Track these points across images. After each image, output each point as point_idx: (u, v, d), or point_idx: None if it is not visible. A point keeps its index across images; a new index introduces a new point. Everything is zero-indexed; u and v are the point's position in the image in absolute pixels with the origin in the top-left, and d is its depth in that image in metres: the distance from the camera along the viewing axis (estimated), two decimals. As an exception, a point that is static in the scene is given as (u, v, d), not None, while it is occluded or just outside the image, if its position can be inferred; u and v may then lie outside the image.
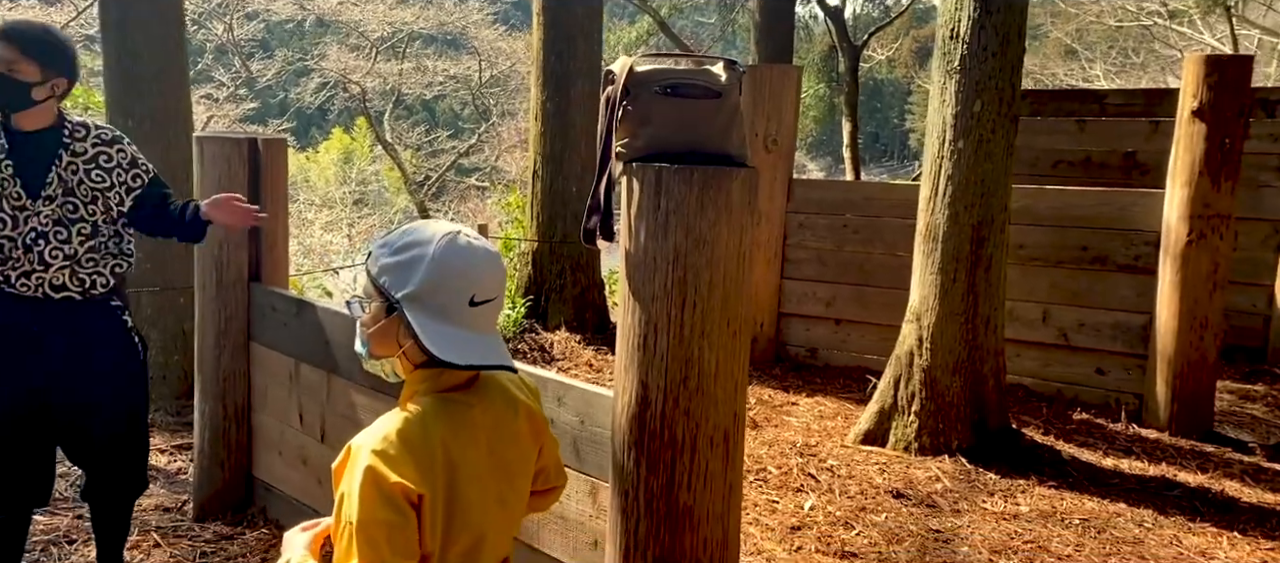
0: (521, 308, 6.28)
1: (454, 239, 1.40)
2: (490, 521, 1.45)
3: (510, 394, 1.53)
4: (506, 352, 1.43)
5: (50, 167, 2.62)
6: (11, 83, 2.54)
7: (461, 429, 1.40)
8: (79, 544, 3.23)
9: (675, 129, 1.92)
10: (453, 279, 1.38)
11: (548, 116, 6.24)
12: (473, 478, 1.40)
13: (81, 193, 2.65)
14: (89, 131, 2.70)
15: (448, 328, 1.36)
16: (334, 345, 3.07)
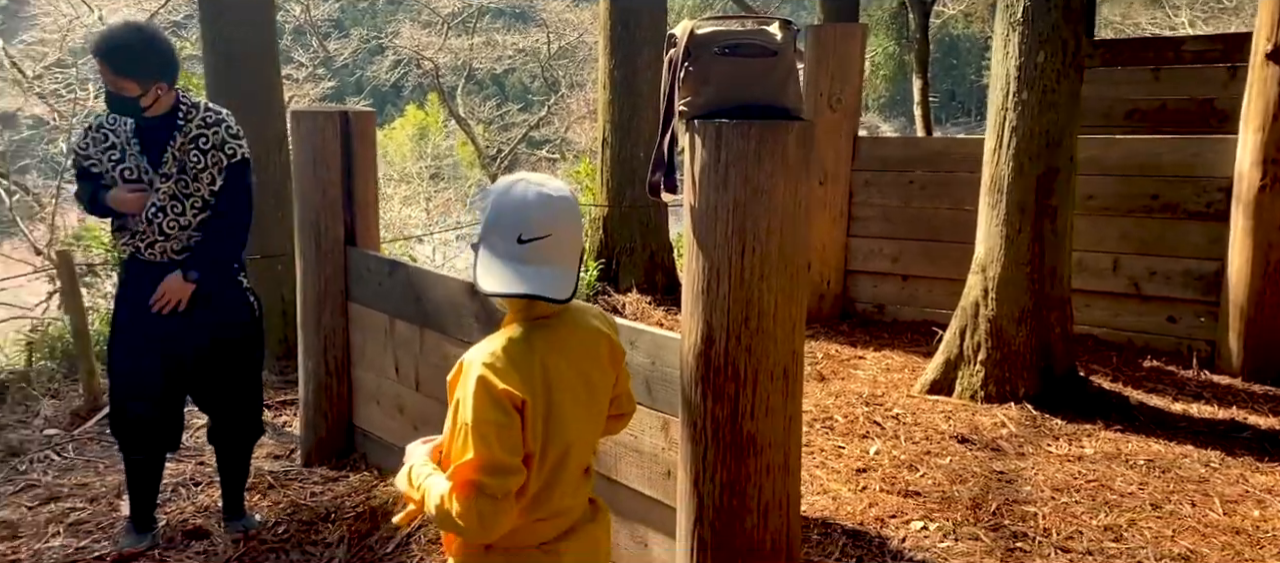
0: (594, 271, 6.50)
1: (510, 187, 1.59)
2: (579, 429, 1.65)
3: (593, 324, 1.72)
4: (560, 283, 1.56)
5: (166, 147, 2.91)
6: (120, 99, 2.83)
7: (554, 349, 1.61)
8: (204, 486, 3.58)
9: (734, 87, 2.07)
10: (503, 221, 1.56)
11: (615, 85, 6.41)
12: (565, 390, 1.60)
13: (190, 171, 2.93)
14: (197, 112, 2.96)
15: (499, 264, 1.55)
16: (425, 302, 3.32)
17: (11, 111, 13.46)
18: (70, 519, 3.31)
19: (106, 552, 3.06)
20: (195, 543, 3.14)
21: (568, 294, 1.57)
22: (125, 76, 2.79)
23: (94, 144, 2.94)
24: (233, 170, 2.98)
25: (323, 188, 3.58)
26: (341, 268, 3.68)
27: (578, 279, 1.63)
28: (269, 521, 3.27)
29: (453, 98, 20.51)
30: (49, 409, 4.47)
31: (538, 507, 1.64)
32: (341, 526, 3.20)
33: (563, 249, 1.58)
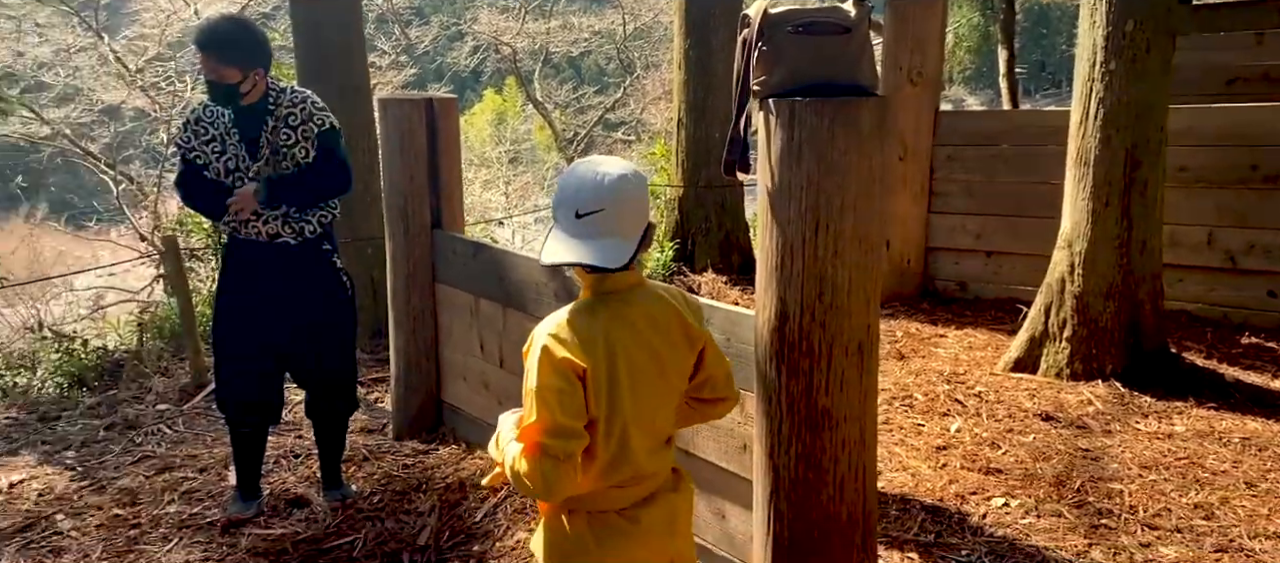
0: (669, 252, 6.55)
1: (573, 169, 1.70)
2: (647, 400, 1.72)
3: (666, 302, 1.77)
4: (613, 254, 1.65)
5: (261, 133, 3.06)
6: (221, 87, 2.98)
7: (620, 321, 1.70)
8: (304, 458, 3.77)
9: (808, 64, 2.09)
10: (565, 199, 1.67)
11: (690, 65, 6.43)
12: (628, 361, 1.69)
13: (281, 152, 3.07)
14: (284, 95, 3.10)
15: (561, 238, 1.66)
16: (507, 282, 3.43)
17: (115, 104, 14.15)
18: (183, 487, 3.54)
19: (217, 518, 3.27)
20: (297, 511, 3.32)
21: (620, 264, 1.65)
22: (228, 65, 2.94)
23: (195, 135, 3.10)
24: (323, 138, 3.09)
25: (409, 173, 3.72)
26: (428, 250, 3.82)
27: (635, 251, 1.69)
28: (364, 491, 3.44)
29: (530, 82, 20.77)
30: (160, 386, 4.76)
31: (612, 473, 1.72)
32: (432, 496, 3.35)
33: (616, 222, 1.66)
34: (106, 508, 3.39)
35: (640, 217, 1.72)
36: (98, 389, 4.93)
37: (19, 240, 15.08)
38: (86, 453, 4.00)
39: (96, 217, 15.47)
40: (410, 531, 3.16)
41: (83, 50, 14.22)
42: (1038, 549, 2.79)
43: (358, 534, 3.13)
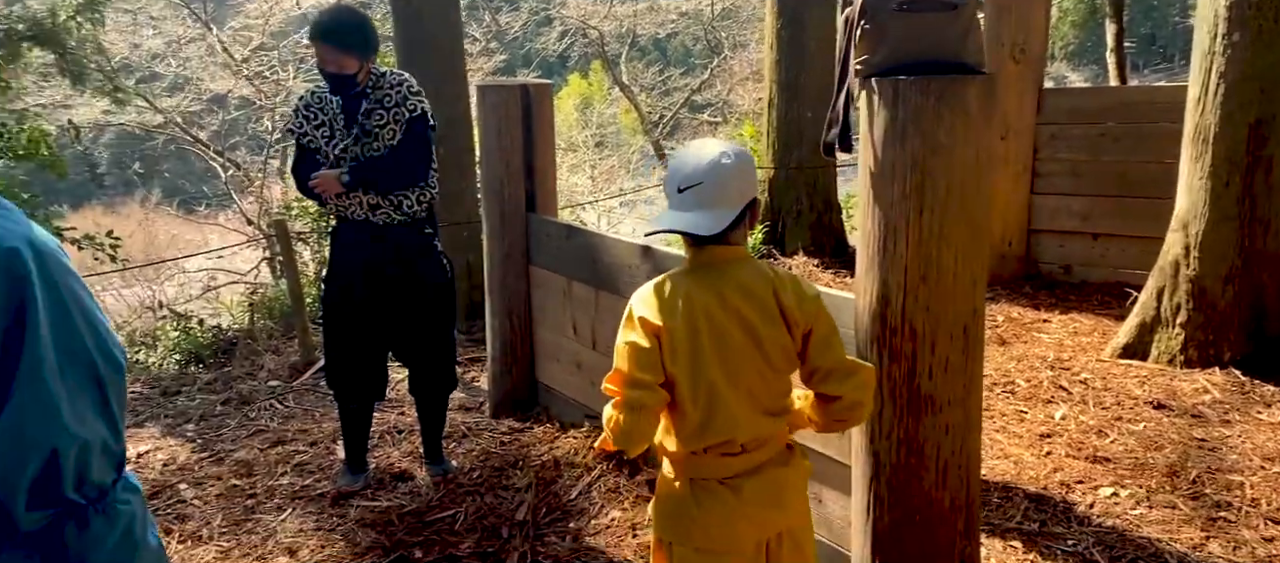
0: (759, 234, 6.51)
1: (682, 149, 1.85)
2: (735, 367, 1.77)
3: (764, 278, 1.79)
4: (704, 222, 1.74)
5: (357, 115, 3.15)
6: (339, 77, 3.07)
7: (706, 289, 1.77)
8: (406, 434, 3.90)
9: (912, 42, 2.05)
10: (669, 175, 1.80)
11: (782, 44, 6.35)
12: (713, 327, 1.76)
13: (371, 130, 3.14)
14: (384, 78, 3.18)
15: (666, 211, 1.79)
16: (600, 265, 3.47)
17: (222, 93, 14.78)
18: (294, 460, 3.71)
19: (327, 489, 3.41)
20: (401, 485, 3.44)
21: (711, 232, 1.74)
22: (348, 53, 3.03)
23: (306, 120, 3.20)
24: (411, 123, 3.15)
25: (505, 158, 3.78)
26: (523, 233, 3.89)
27: (732, 224, 1.77)
28: (464, 466, 3.54)
29: (616, 65, 20.83)
30: (271, 363, 4.99)
31: (706, 435, 1.78)
32: (529, 473, 3.42)
33: (713, 195, 1.74)
34: (225, 478, 3.58)
35: (738, 192, 1.77)
36: (213, 366, 5.19)
37: (136, 224, 15.94)
38: (205, 426, 4.22)
39: (206, 201, 16.23)
40: (508, 506, 3.24)
41: (192, 41, 14.89)
42: (1150, 541, 2.69)
43: (459, 508, 3.23)
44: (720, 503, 1.80)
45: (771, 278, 1.80)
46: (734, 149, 1.80)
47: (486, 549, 3.00)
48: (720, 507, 1.80)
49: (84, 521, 1.04)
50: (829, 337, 1.82)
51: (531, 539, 3.04)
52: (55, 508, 1.02)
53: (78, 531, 1.04)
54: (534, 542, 3.03)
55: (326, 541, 3.08)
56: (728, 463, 1.80)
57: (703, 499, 1.80)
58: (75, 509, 1.03)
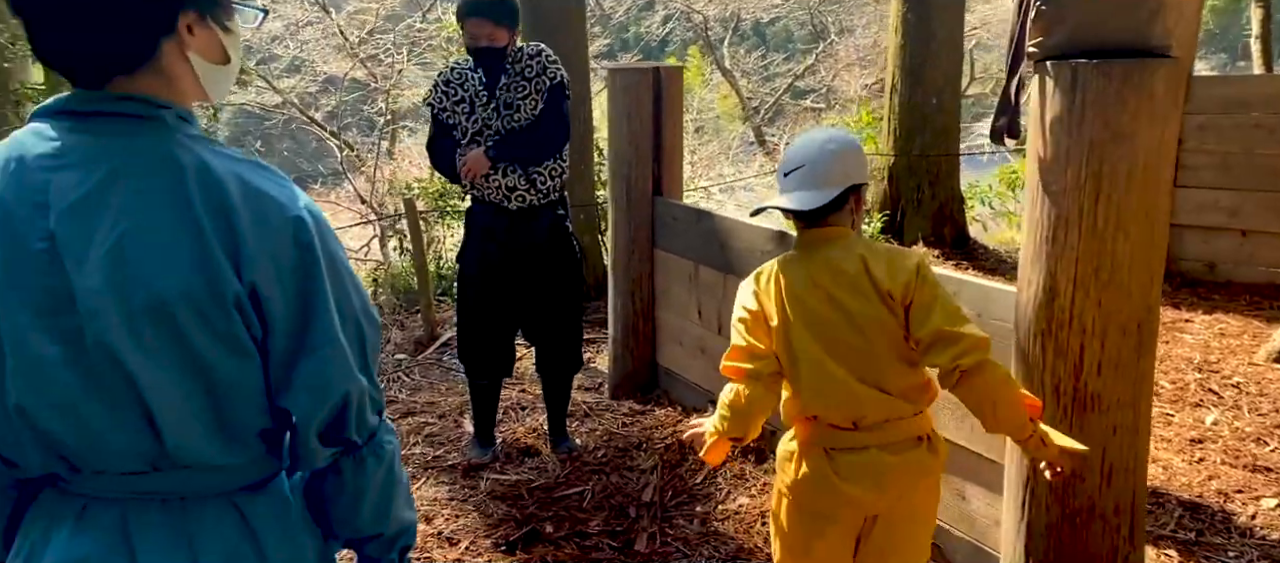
0: (877, 222, 6.37)
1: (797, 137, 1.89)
2: (826, 343, 1.84)
3: (852, 256, 1.83)
4: (800, 201, 1.83)
5: (496, 89, 3.19)
6: (491, 50, 3.12)
7: (798, 267, 1.88)
8: (529, 411, 3.97)
9: (1093, 24, 1.95)
10: (781, 161, 1.91)
11: (908, 28, 6.18)
12: (799, 305, 1.85)
13: (513, 103, 3.17)
14: (522, 51, 3.21)
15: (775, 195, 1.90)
16: (730, 250, 3.45)
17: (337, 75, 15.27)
18: (425, 431, 3.82)
19: (457, 461, 3.50)
20: (528, 460, 3.51)
21: (806, 209, 1.82)
22: (500, 26, 3.07)
23: (446, 96, 3.25)
24: (552, 92, 3.17)
25: (634, 141, 3.79)
26: (649, 216, 3.89)
27: (831, 205, 1.84)
28: (588, 445, 3.58)
29: (719, 50, 20.67)
30: (397, 337, 5.14)
31: (815, 403, 1.88)
32: (653, 455, 3.44)
33: (813, 177, 1.83)
34: (360, 446, 3.71)
35: (840, 174, 1.84)
36: (340, 338, 5.37)
37: (257, 201, 16.62)
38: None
39: (320, 179, 16.86)
40: (634, 486, 3.26)
41: (310, 24, 15.43)
42: (1323, 560, 2.53)
43: (585, 486, 3.27)
44: (818, 468, 1.89)
45: (863, 253, 1.83)
46: (840, 135, 1.91)
47: (615, 528, 3.03)
48: (817, 471, 1.89)
49: (360, 458, 1.16)
50: (929, 306, 1.77)
51: (659, 520, 3.05)
52: (339, 447, 1.14)
53: (354, 466, 1.16)
54: (662, 524, 3.04)
55: (460, 510, 3.16)
56: (836, 434, 1.87)
57: (806, 460, 1.91)
58: (352, 448, 1.15)
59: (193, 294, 1.01)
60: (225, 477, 1.11)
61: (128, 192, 1.01)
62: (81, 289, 1.00)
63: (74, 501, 1.09)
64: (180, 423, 1.04)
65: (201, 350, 1.03)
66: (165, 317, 1.01)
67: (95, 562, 1.05)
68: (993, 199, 7.12)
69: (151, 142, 1.05)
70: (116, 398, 1.02)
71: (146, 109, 1.06)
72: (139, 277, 1.00)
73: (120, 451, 1.05)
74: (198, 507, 1.10)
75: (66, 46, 1.06)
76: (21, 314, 1.01)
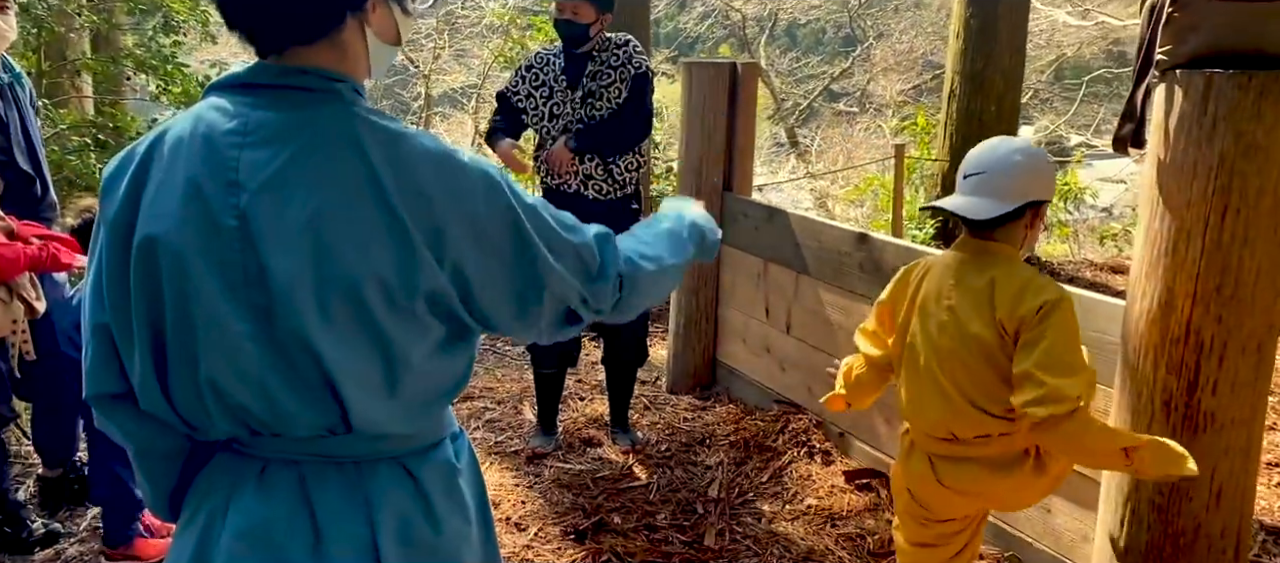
0: (930, 229, 6.31)
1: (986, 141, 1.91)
2: (945, 355, 1.85)
3: (985, 274, 1.83)
4: (971, 208, 1.82)
5: (583, 76, 3.17)
6: (575, 26, 3.10)
7: (941, 275, 1.90)
8: (588, 400, 3.96)
9: (1231, 33, 1.91)
10: (964, 164, 1.89)
11: (970, 33, 6.11)
12: (923, 309, 1.90)
13: (597, 92, 3.16)
14: (609, 41, 3.20)
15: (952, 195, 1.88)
16: (806, 249, 3.41)
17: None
18: (485, 417, 3.82)
19: (519, 447, 3.49)
20: (590, 450, 3.49)
21: (974, 219, 1.82)
22: (588, 2, 3.05)
23: (525, 81, 3.25)
24: (635, 81, 3.16)
25: (707, 135, 3.76)
26: (718, 211, 3.86)
27: (1002, 217, 1.81)
28: (650, 438, 3.56)
29: (753, 49, 20.59)
30: (448, 321, 5.14)
31: (909, 411, 1.96)
32: (718, 451, 3.42)
33: (991, 185, 1.81)
34: (421, 427, 3.71)
35: (1019, 189, 1.81)
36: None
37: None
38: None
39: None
40: (700, 482, 3.24)
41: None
42: None
43: (651, 479, 3.25)
44: (922, 471, 1.95)
45: (996, 275, 1.81)
46: (1029, 148, 1.87)
47: (683, 522, 3.01)
48: (921, 472, 1.95)
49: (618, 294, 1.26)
50: (1033, 345, 1.73)
51: (727, 517, 3.03)
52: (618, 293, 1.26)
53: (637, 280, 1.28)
54: (730, 520, 3.02)
55: (526, 497, 3.15)
56: (936, 443, 1.91)
57: (913, 457, 1.98)
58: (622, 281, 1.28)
59: (385, 279, 1.01)
60: (397, 443, 1.13)
61: (317, 171, 1.01)
62: (274, 267, 1.00)
63: (253, 463, 1.11)
64: (363, 397, 1.06)
65: (387, 329, 1.03)
66: (355, 298, 1.01)
67: (280, 523, 1.08)
68: (1045, 210, 7.03)
69: (332, 118, 1.04)
70: (303, 373, 1.04)
71: (324, 83, 1.06)
72: (332, 258, 1.00)
73: (304, 420, 1.07)
74: (371, 469, 1.11)
75: (255, 4, 1.06)
76: (214, 290, 1.02)
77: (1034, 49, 15.65)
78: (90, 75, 6.38)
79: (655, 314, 5.18)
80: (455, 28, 15.12)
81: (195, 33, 6.13)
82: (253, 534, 1.07)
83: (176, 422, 1.11)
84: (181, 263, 1.02)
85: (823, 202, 13.33)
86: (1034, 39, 15.10)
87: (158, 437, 1.14)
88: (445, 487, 1.17)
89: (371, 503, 1.10)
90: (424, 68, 14.77)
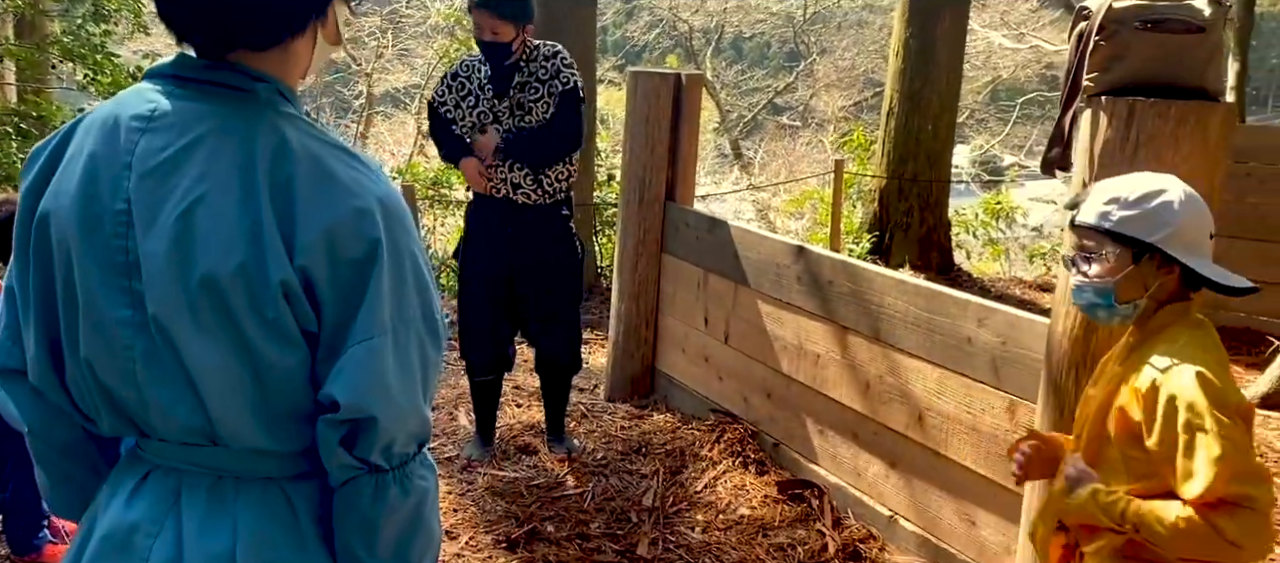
0: (865, 244, 6.42)
1: (1177, 184, 1.59)
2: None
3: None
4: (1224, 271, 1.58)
5: (510, 88, 3.14)
6: (495, 46, 3.06)
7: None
8: (525, 408, 3.93)
9: (1154, 63, 1.98)
10: (1202, 220, 1.57)
11: (909, 54, 6.25)
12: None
13: (526, 104, 3.14)
14: (537, 51, 3.16)
15: (1207, 261, 1.57)
16: (743, 260, 3.44)
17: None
18: (419, 422, 3.76)
19: (453, 453, 3.45)
20: (525, 457, 3.47)
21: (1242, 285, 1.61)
22: (504, 21, 3.01)
23: (450, 91, 3.21)
24: (564, 96, 3.13)
25: (651, 145, 3.78)
26: (660, 221, 3.88)
27: None
28: (587, 446, 3.55)
29: (698, 61, 20.75)
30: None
31: None
32: (654, 460, 3.42)
33: None
34: (353, 432, 3.64)
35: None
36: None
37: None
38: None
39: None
40: (634, 491, 3.24)
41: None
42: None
43: (585, 487, 3.24)
44: None
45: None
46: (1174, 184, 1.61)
47: (616, 531, 3.00)
48: None
49: (382, 485, 1.05)
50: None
51: (661, 526, 3.03)
52: (361, 465, 1.04)
53: (373, 492, 1.05)
54: (664, 529, 3.02)
55: (459, 504, 3.11)
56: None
57: None
58: (377, 472, 1.05)
59: (246, 274, 0.98)
60: (276, 463, 1.08)
61: (204, 162, 0.99)
62: (145, 254, 0.99)
63: (141, 467, 1.09)
64: (224, 402, 1.02)
65: (249, 334, 0.99)
66: (218, 294, 0.98)
67: (142, 529, 1.06)
68: (978, 228, 7.22)
69: (241, 114, 1.03)
70: (168, 367, 1.01)
71: (245, 81, 1.04)
72: (200, 249, 0.98)
73: (176, 420, 1.04)
74: (246, 488, 1.07)
75: (203, 16, 1.03)
76: (95, 272, 1.01)
77: (970, 70, 16.06)
78: (14, 62, 6.13)
79: (594, 322, 5.18)
80: (400, 27, 14.94)
81: (127, 22, 5.95)
82: (115, 539, 1.06)
83: (71, 409, 1.10)
84: (70, 242, 1.02)
85: (764, 213, 13.49)
86: (970, 60, 15.49)
87: (54, 423, 1.13)
88: (327, 516, 1.10)
89: (237, 524, 1.05)
90: (367, 66, 14.57)
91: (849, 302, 2.98)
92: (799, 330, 3.19)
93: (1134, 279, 1.57)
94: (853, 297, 2.96)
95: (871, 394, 2.92)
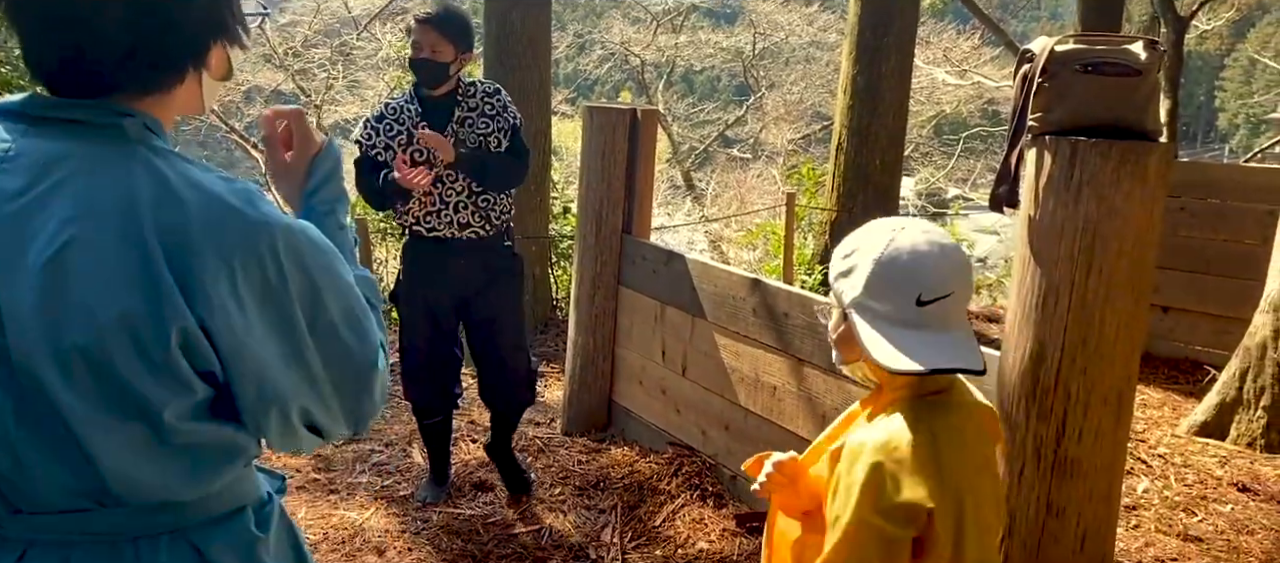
0: (818, 275, 6.51)
1: (894, 238, 1.30)
2: (990, 525, 1.31)
3: (975, 397, 1.40)
4: (970, 349, 1.28)
5: (447, 123, 3.07)
6: (433, 65, 2.99)
7: (953, 434, 1.29)
8: (480, 443, 3.89)
9: (1094, 104, 2.06)
10: (895, 279, 1.27)
11: (857, 91, 6.39)
12: (971, 484, 1.28)
13: (475, 140, 3.08)
14: (477, 89, 3.13)
15: (896, 331, 1.26)
16: (700, 292, 3.47)
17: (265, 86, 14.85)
18: (372, 460, 3.70)
19: (407, 491, 3.39)
20: (481, 494, 3.43)
21: (982, 364, 1.28)
22: (446, 39, 2.95)
23: (377, 132, 3.06)
24: (515, 132, 3.13)
25: (608, 179, 3.79)
26: (617, 254, 3.89)
27: None
28: (544, 481, 3.52)
29: (649, 95, 20.95)
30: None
31: None
32: (612, 495, 3.40)
33: (962, 310, 1.33)
34: (305, 471, 3.57)
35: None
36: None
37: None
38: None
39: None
40: (593, 526, 3.22)
41: (240, 32, 14.98)
42: (1258, 627, 2.66)
43: (543, 524, 3.21)
44: None
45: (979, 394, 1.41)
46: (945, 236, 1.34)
47: (575, 569, 2.98)
48: None
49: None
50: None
51: (619, 562, 3.02)
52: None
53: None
54: (623, 566, 3.00)
55: (413, 543, 3.06)
56: None
57: None
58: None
59: (131, 323, 0.91)
60: (180, 513, 1.01)
61: (73, 203, 0.92)
62: (8, 304, 0.90)
63: (14, 547, 0.98)
64: (119, 458, 0.95)
65: (135, 384, 0.92)
66: (97, 346, 0.91)
67: None
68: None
69: (108, 151, 0.95)
70: (47, 428, 0.92)
71: (109, 118, 0.97)
72: (74, 299, 0.90)
73: (60, 485, 0.95)
74: (150, 547, 1.00)
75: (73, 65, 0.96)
76: None
77: (915, 105, 16.46)
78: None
79: (551, 355, 5.15)
80: (350, 59, 14.85)
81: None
82: None
83: None
84: None
85: (717, 244, 13.60)
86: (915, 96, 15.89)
87: None
88: (242, 561, 1.06)
89: None
90: (316, 97, 14.43)
91: (804, 334, 3.01)
92: (756, 363, 3.21)
93: (848, 340, 1.36)
94: (808, 329, 3.00)
95: (827, 426, 2.94)
